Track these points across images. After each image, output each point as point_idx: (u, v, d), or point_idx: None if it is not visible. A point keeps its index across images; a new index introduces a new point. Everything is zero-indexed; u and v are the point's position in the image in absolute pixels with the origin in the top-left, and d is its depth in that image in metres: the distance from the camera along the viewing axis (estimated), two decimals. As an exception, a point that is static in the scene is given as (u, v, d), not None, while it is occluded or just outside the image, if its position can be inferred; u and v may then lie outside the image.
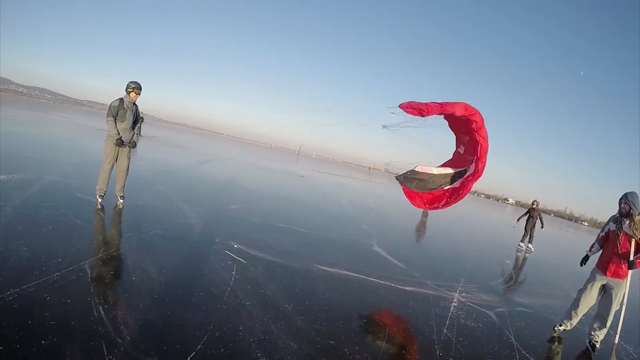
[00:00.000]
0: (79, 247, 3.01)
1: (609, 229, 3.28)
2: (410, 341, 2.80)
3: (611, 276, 3.15)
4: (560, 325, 3.46)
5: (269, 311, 2.60)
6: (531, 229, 8.72)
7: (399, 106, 3.67)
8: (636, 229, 3.02)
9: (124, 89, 4.39)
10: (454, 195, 4.14)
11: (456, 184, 4.22)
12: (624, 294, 3.11)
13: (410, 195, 4.34)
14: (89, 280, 2.48)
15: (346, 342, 2.44)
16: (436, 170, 4.19)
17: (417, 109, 3.58)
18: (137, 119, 4.54)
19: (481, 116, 3.66)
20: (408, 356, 2.57)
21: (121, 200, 4.54)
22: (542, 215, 9.10)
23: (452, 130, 4.29)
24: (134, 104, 4.44)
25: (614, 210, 3.29)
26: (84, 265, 2.67)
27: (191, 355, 1.89)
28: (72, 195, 4.64)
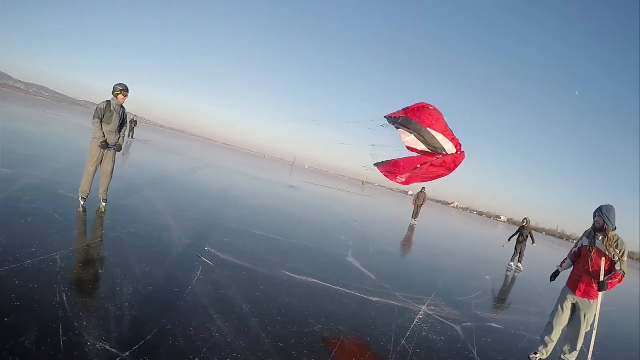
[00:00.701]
0: (53, 239, 3.23)
1: (582, 244, 3.12)
2: (362, 349, 2.82)
3: (581, 296, 2.99)
4: (536, 354, 3.28)
5: (224, 311, 2.79)
6: (521, 248, 8.79)
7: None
8: (610, 246, 2.87)
9: (111, 91, 4.42)
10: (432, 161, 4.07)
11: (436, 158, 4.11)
12: (595, 315, 2.98)
13: (389, 171, 4.34)
14: (58, 269, 2.70)
15: (295, 345, 2.54)
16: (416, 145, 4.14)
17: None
18: (123, 122, 4.59)
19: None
20: None
21: (104, 204, 4.59)
22: (533, 232, 9.23)
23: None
24: (121, 106, 4.49)
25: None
26: (55, 256, 2.89)
27: (140, 344, 2.09)
28: (55, 191, 4.87)
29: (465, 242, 15.25)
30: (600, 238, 2.96)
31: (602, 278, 2.86)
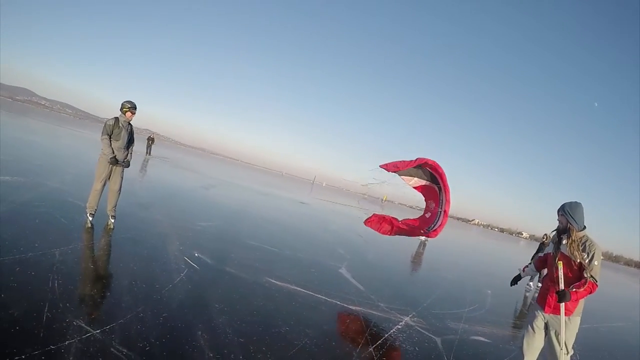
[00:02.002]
0: (55, 238, 3.75)
1: (548, 251, 2.84)
2: (322, 352, 2.89)
3: (551, 312, 2.61)
4: None
5: (196, 307, 3.10)
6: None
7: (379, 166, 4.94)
8: (574, 249, 2.51)
9: (119, 107, 4.61)
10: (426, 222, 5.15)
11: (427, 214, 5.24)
12: (571, 334, 2.61)
13: (376, 224, 5.27)
14: (55, 262, 3.17)
15: (255, 342, 2.71)
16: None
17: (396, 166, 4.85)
18: (131, 139, 4.80)
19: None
20: None
21: (112, 220, 4.73)
22: None
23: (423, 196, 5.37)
24: (129, 123, 4.70)
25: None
26: (54, 251, 3.38)
27: (110, 325, 2.45)
28: (63, 199, 5.49)
29: (473, 257, 14.93)
30: (565, 241, 2.59)
31: (561, 286, 2.49)
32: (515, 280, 3.27)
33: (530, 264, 3.13)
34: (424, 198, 5.48)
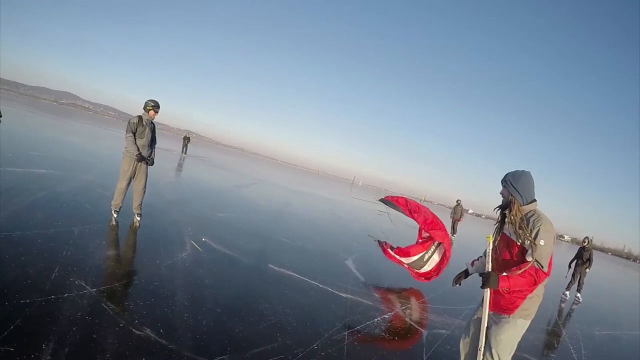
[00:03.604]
0: (76, 219, 4.48)
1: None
2: (293, 329, 3.05)
3: (492, 309, 2.16)
4: None
5: (186, 279, 3.52)
6: (581, 274, 7.89)
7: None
8: (513, 223, 2.09)
9: (143, 106, 4.89)
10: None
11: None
12: (499, 338, 2.14)
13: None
14: (72, 237, 3.82)
15: (230, 313, 3.02)
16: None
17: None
18: (154, 137, 5.04)
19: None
20: (279, 340, 2.82)
21: (138, 218, 4.94)
22: (593, 254, 8.22)
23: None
24: (152, 122, 4.95)
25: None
26: (73, 229, 4.07)
27: (105, 286, 2.96)
28: (91, 189, 6.40)
29: None
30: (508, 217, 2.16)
31: (487, 267, 2.11)
32: (458, 279, 2.59)
33: (481, 256, 2.48)
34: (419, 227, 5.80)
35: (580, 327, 5.84)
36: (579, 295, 7.85)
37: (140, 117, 4.79)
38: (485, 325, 2.12)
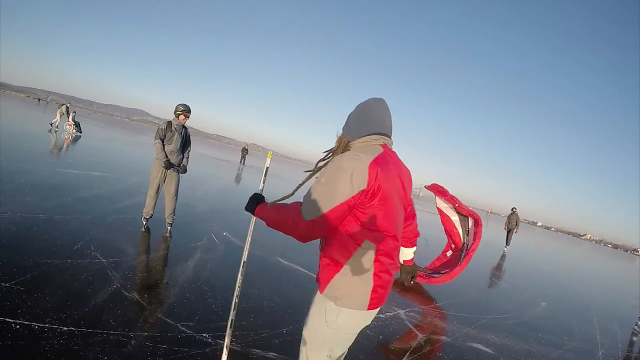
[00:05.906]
0: (112, 209, 5.49)
1: None
2: (277, 316, 3.25)
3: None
4: None
5: (192, 263, 4.06)
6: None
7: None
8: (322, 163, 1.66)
9: (173, 111, 4.91)
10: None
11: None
12: (306, 320, 1.61)
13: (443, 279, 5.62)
14: (104, 222, 4.73)
15: (218, 293, 3.38)
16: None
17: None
18: (186, 142, 5.04)
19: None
20: (251, 320, 3.05)
21: (169, 228, 5.04)
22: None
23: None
24: (183, 126, 4.97)
25: None
26: (107, 217, 5.00)
27: (115, 259, 3.63)
28: (136, 189, 7.48)
29: (554, 270, 12.55)
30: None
31: (260, 187, 1.92)
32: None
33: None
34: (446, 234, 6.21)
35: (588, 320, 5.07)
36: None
37: (169, 123, 4.84)
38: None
